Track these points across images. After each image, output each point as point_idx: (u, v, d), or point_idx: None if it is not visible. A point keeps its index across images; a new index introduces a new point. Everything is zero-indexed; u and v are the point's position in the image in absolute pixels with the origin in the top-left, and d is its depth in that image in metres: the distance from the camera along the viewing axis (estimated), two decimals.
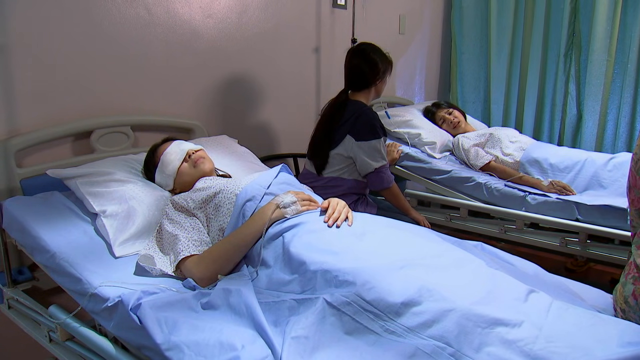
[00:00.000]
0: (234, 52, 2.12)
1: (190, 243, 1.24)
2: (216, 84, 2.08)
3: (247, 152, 1.87)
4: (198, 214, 1.32)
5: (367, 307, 0.98)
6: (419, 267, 1.07)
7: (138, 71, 1.80)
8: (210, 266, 1.19)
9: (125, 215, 1.36)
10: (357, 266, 1.05)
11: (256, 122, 2.30)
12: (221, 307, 1.09)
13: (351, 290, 1.00)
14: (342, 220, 1.22)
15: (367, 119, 1.98)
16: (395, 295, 0.98)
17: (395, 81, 3.14)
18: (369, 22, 2.78)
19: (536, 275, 1.30)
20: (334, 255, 1.11)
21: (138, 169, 1.56)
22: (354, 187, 2.06)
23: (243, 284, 1.13)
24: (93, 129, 1.68)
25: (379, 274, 1.03)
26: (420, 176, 2.42)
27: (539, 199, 2.12)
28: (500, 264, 1.29)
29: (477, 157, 2.41)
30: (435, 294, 0.98)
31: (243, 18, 2.13)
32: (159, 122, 1.87)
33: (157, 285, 1.17)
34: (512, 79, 3.19)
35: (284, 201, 1.24)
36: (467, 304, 0.96)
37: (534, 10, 3.01)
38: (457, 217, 2.32)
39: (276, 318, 1.05)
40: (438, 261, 1.11)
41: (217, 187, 1.34)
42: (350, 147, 1.98)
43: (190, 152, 1.46)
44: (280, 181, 1.38)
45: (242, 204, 1.28)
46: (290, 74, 2.40)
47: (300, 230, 1.20)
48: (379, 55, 2.07)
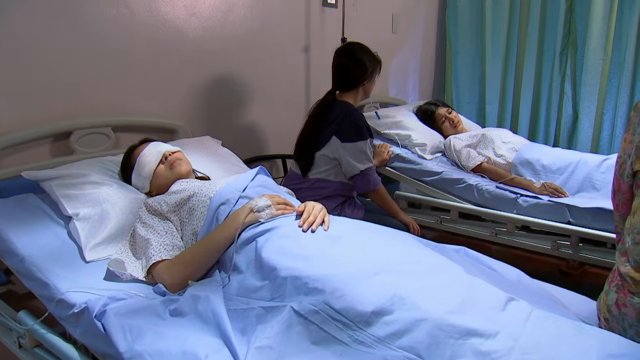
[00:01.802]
0: (220, 51, 2.09)
1: (162, 247, 1.21)
2: (201, 84, 2.05)
3: (229, 153, 1.84)
4: (172, 217, 1.29)
5: (336, 316, 0.94)
6: (393, 274, 1.03)
7: (119, 71, 1.77)
8: (181, 271, 1.16)
9: (98, 219, 1.32)
10: (328, 272, 1.02)
11: (244, 122, 2.27)
12: (189, 314, 1.06)
13: (320, 298, 0.96)
14: (317, 225, 1.19)
15: (352, 120, 1.94)
16: (365, 304, 0.94)
17: (388, 81, 3.10)
18: (360, 21, 2.74)
19: (519, 281, 1.27)
20: (306, 260, 1.07)
21: (115, 170, 1.53)
22: (341, 189, 2.03)
23: (212, 290, 1.10)
24: (72, 130, 1.65)
25: (351, 281, 0.99)
26: (410, 177, 2.38)
27: (530, 201, 2.08)
28: (482, 269, 1.26)
29: (468, 158, 2.37)
30: (407, 302, 0.95)
31: (229, 17, 2.10)
32: (141, 122, 1.84)
33: (126, 291, 1.14)
34: (508, 79, 3.15)
35: (257, 205, 1.21)
36: (440, 313, 0.92)
37: (529, 9, 2.96)
38: (448, 220, 2.27)
39: (244, 326, 1.01)
40: (414, 267, 1.08)
41: (192, 190, 1.31)
42: (336, 149, 1.94)
43: (166, 154, 1.43)
44: (257, 184, 1.35)
45: (216, 207, 1.25)
46: (279, 73, 2.36)
47: (273, 234, 1.17)
48: (367, 55, 2.03)
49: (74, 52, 1.64)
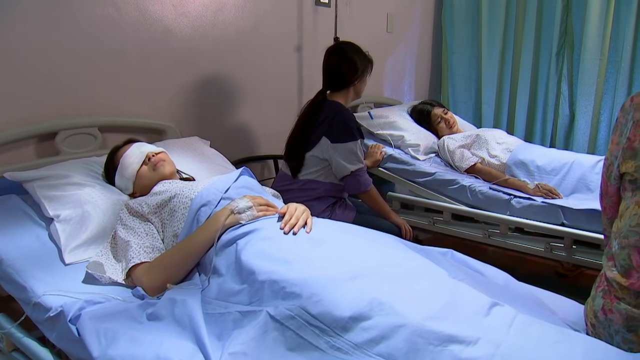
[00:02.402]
0: (210, 51, 2.07)
1: (142, 250, 1.19)
2: (191, 84, 2.03)
3: (216, 154, 1.82)
4: (153, 219, 1.27)
5: (313, 321, 0.92)
6: (373, 278, 1.01)
7: (106, 70, 1.75)
8: (160, 274, 1.14)
9: (78, 220, 1.31)
10: (306, 276, 1.00)
11: (235, 123, 2.25)
12: (166, 318, 1.04)
13: (296, 303, 0.94)
14: (299, 227, 1.17)
15: (343, 120, 1.92)
16: (343, 309, 0.92)
17: (383, 81, 3.07)
18: (354, 21, 2.72)
19: (506, 285, 1.24)
20: (286, 264, 1.05)
21: (99, 172, 1.51)
22: (331, 190, 2.00)
23: (190, 294, 1.08)
24: (58, 130, 1.63)
25: (329, 285, 0.97)
26: (403, 178, 2.35)
27: (523, 202, 2.05)
28: (468, 273, 1.23)
29: (462, 159, 2.35)
30: (386, 307, 0.92)
31: (219, 16, 2.08)
32: (129, 123, 1.82)
33: (104, 294, 1.12)
34: (504, 79, 3.12)
35: (238, 206, 1.19)
36: (419, 319, 0.90)
37: (525, 8, 2.94)
38: (440, 221, 2.25)
39: (220, 331, 0.99)
40: (396, 271, 1.05)
41: (173, 191, 1.29)
42: (326, 149, 1.92)
43: (150, 155, 1.41)
44: (240, 185, 1.33)
45: (197, 209, 1.23)
46: (271, 73, 2.34)
47: (254, 237, 1.15)
48: (358, 55, 2.01)
49: (60, 51, 1.62)
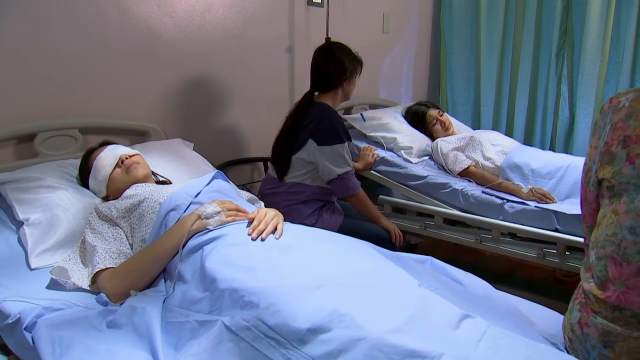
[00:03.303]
0: (197, 52, 2.04)
1: (108, 255, 1.16)
2: (177, 85, 2.00)
3: (196, 156, 1.79)
4: (121, 223, 1.24)
5: (269, 332, 0.88)
6: (337, 288, 0.97)
7: (87, 71, 1.72)
8: (123, 280, 1.11)
9: (47, 224, 1.28)
10: (267, 285, 0.96)
11: (223, 124, 2.22)
12: (125, 326, 1.01)
13: (253, 313, 0.91)
14: (267, 233, 1.13)
15: (329, 123, 1.88)
16: (301, 320, 0.88)
17: (379, 82, 3.03)
18: (348, 21, 2.68)
19: (484, 295, 1.19)
20: (250, 272, 1.02)
21: (74, 174, 1.48)
22: (318, 194, 1.96)
23: (152, 301, 1.05)
24: (37, 132, 1.61)
25: (288, 295, 0.93)
26: (395, 181, 2.30)
27: (517, 207, 2.00)
28: (445, 282, 1.18)
29: (455, 162, 2.29)
30: (347, 319, 0.88)
31: (206, 16, 2.05)
32: (111, 124, 1.79)
33: (66, 301, 1.10)
34: (503, 80, 3.05)
35: (206, 211, 1.15)
36: (380, 333, 0.86)
37: (525, 8, 2.87)
38: (432, 225, 2.20)
39: (177, 340, 0.96)
40: (362, 281, 1.01)
41: (143, 195, 1.26)
42: (313, 152, 1.88)
43: (123, 157, 1.38)
44: (212, 189, 1.29)
45: (165, 213, 1.20)
46: (260, 74, 2.31)
47: (220, 243, 1.11)
48: (347, 55, 1.97)
49: (40, 51, 1.60)
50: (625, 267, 0.86)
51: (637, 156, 0.85)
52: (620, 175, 0.87)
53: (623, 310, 0.86)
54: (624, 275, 0.86)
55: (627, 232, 0.85)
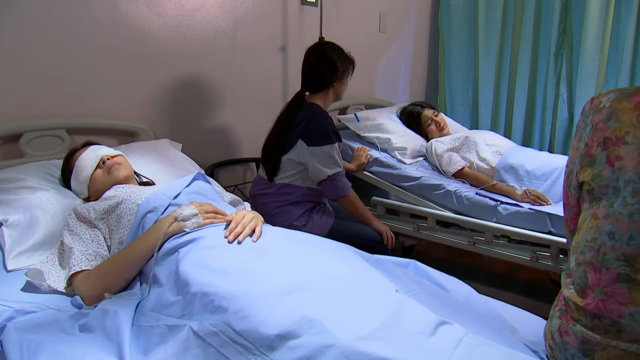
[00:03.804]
0: (187, 52, 2.02)
1: (84, 257, 1.15)
2: (167, 85, 1.98)
3: (182, 157, 1.77)
4: (100, 225, 1.23)
5: (237, 338, 0.86)
6: (311, 292, 0.95)
7: (75, 70, 1.71)
8: (98, 283, 1.09)
9: (26, 225, 1.27)
10: (238, 289, 0.94)
11: (214, 125, 2.20)
12: (96, 330, 0.99)
13: (221, 318, 0.89)
14: (244, 236, 1.11)
15: (319, 123, 1.86)
16: (269, 326, 0.86)
17: (376, 82, 3.00)
18: (344, 20, 2.65)
19: (467, 300, 1.16)
20: (223, 275, 1.00)
21: (57, 175, 1.47)
22: (308, 195, 1.94)
23: (125, 304, 1.03)
24: (22, 132, 1.60)
25: (258, 300, 0.91)
26: (388, 182, 2.27)
27: (510, 209, 1.96)
28: (427, 287, 1.16)
29: (450, 163, 2.26)
30: (316, 325, 0.86)
31: (196, 16, 2.04)
32: (99, 125, 1.78)
33: (39, 304, 1.08)
34: (501, 80, 3.02)
35: (182, 213, 1.14)
36: (350, 339, 0.83)
37: (523, 7, 2.83)
38: (425, 227, 2.17)
39: (147, 345, 0.94)
40: (337, 285, 0.99)
41: (121, 196, 1.24)
42: (302, 153, 1.86)
43: (104, 158, 1.37)
44: (192, 191, 1.28)
45: (143, 215, 1.18)
46: (253, 74, 2.29)
47: (196, 245, 1.10)
48: (339, 55, 1.94)
49: (26, 50, 1.59)
50: (604, 273, 0.83)
51: (617, 158, 0.82)
52: (599, 179, 0.85)
53: (602, 318, 0.83)
54: (603, 282, 0.83)
55: (606, 237, 0.83)
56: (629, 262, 0.80)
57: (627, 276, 0.80)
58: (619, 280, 0.81)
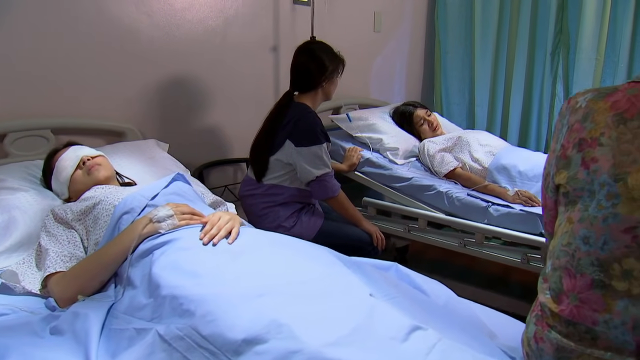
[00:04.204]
0: (176, 51, 2.01)
1: (59, 258, 1.14)
2: (155, 85, 1.97)
3: (167, 158, 1.76)
4: (77, 226, 1.22)
5: (203, 343, 0.85)
6: (282, 296, 0.93)
7: (60, 69, 1.70)
8: (71, 285, 1.08)
9: (4, 226, 1.26)
10: (208, 292, 0.93)
11: (205, 125, 2.19)
12: (66, 333, 0.98)
13: (188, 322, 0.87)
14: (219, 237, 1.10)
15: (307, 123, 1.84)
16: (236, 331, 0.84)
17: (370, 82, 2.98)
18: (337, 20, 2.63)
19: (446, 305, 1.14)
20: (195, 278, 0.98)
21: (39, 176, 1.46)
22: (297, 196, 1.92)
23: (97, 307, 1.02)
24: (6, 132, 1.59)
25: (228, 304, 0.90)
26: (380, 183, 2.25)
27: (501, 210, 1.94)
28: (405, 290, 1.14)
29: (442, 163, 2.23)
30: (284, 330, 0.84)
31: (186, 15, 2.02)
32: (85, 124, 1.77)
33: (12, 306, 1.07)
34: (498, 80, 2.99)
35: (157, 215, 1.12)
36: (317, 345, 0.82)
37: (519, 6, 2.80)
38: (416, 229, 2.14)
39: (115, 349, 0.93)
40: (311, 288, 0.97)
41: (99, 197, 1.23)
42: (290, 153, 1.84)
43: (84, 159, 1.35)
44: (170, 192, 1.26)
45: (119, 216, 1.17)
46: (244, 74, 2.27)
47: (170, 247, 1.08)
48: (328, 54, 1.92)
49: (11, 48, 1.58)
50: (579, 279, 0.81)
51: (592, 160, 0.80)
52: (574, 181, 0.82)
53: (577, 325, 0.80)
54: (577, 288, 0.81)
55: (580, 242, 0.80)
56: (603, 268, 0.78)
57: (601, 282, 0.78)
58: (593, 286, 0.79)
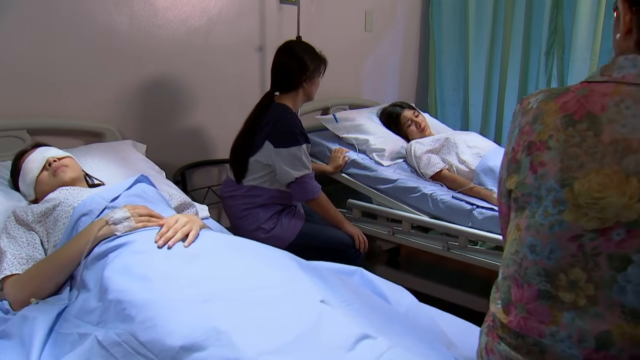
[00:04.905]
0: (157, 51, 2.00)
1: (16, 261, 1.13)
2: (136, 85, 1.96)
3: (141, 159, 1.74)
4: (37, 228, 1.21)
5: (140, 349, 0.83)
6: (228, 302, 0.91)
7: (37, 68, 1.69)
8: (25, 286, 1.07)
9: None
10: (153, 297, 0.91)
11: (188, 125, 2.18)
12: (15, 337, 0.98)
13: (127, 328, 0.85)
14: (175, 240, 1.08)
15: (285, 124, 1.82)
16: (175, 337, 0.83)
17: (362, 83, 2.94)
18: (327, 19, 2.61)
19: (407, 312, 1.11)
20: (145, 282, 0.97)
21: (6, 177, 1.46)
22: (277, 198, 1.90)
23: (47, 310, 1.01)
24: None
25: (171, 309, 0.88)
26: (365, 185, 2.22)
27: (486, 213, 1.89)
28: (366, 297, 1.10)
29: (428, 165, 2.19)
30: (223, 338, 0.82)
31: (168, 14, 2.01)
32: (62, 125, 1.76)
33: None
34: (492, 80, 2.93)
35: (114, 217, 1.11)
36: (254, 353, 0.80)
37: (514, 5, 2.75)
38: (400, 231, 2.11)
39: (59, 353, 0.92)
40: (260, 295, 0.95)
41: (59, 198, 1.22)
42: (269, 154, 1.82)
43: (50, 160, 1.34)
44: (132, 193, 1.25)
45: (77, 218, 1.16)
46: (229, 75, 2.26)
47: (125, 250, 1.07)
48: (309, 53, 1.90)
49: None
50: (526, 289, 0.77)
51: (540, 164, 0.76)
52: (523, 186, 0.79)
53: (525, 338, 0.77)
54: (525, 299, 0.77)
55: (527, 250, 0.77)
56: (549, 278, 0.74)
57: (547, 293, 0.74)
58: (540, 297, 0.75)
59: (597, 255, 0.69)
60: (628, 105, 0.69)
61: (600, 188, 0.69)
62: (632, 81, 0.70)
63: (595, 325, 0.70)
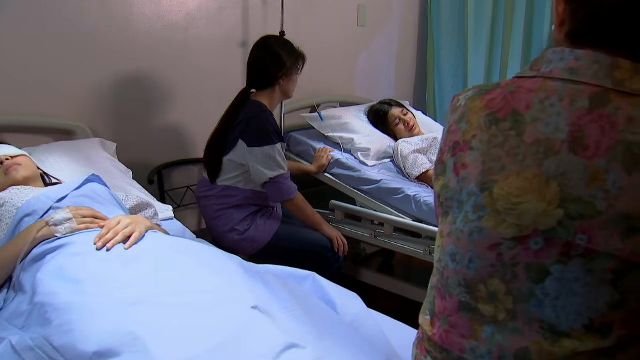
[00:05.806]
0: (132, 47, 1.96)
1: None
2: (109, 82, 1.92)
3: (107, 158, 1.72)
4: None
5: (53, 354, 0.80)
6: (155, 307, 0.88)
7: (4, 64, 1.66)
8: None
9: None
10: (77, 301, 0.88)
11: (165, 123, 2.15)
12: None
13: (42, 332, 0.83)
14: (115, 242, 1.05)
15: (259, 122, 1.77)
16: (90, 343, 0.80)
17: (355, 79, 2.88)
18: (315, 14, 2.54)
19: (353, 321, 1.05)
20: (75, 285, 0.94)
21: None
22: (252, 198, 1.86)
23: None
24: None
25: (90, 313, 0.85)
26: (348, 186, 2.16)
27: None
28: (310, 305, 1.05)
29: (414, 165, 2.12)
30: (139, 344, 0.79)
31: (143, 9, 1.98)
32: (31, 122, 1.74)
33: None
34: (492, 76, 2.83)
35: (54, 218, 1.08)
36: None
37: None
38: (382, 234, 2.04)
39: None
40: (190, 300, 0.92)
41: (5, 198, 1.20)
42: (243, 154, 1.78)
43: (3, 159, 1.33)
44: (80, 194, 1.22)
45: (20, 219, 1.14)
46: (209, 71, 2.22)
47: (62, 252, 1.04)
48: (286, 49, 1.85)
49: None
50: (448, 300, 0.71)
51: (462, 167, 0.70)
52: (446, 190, 0.72)
53: (449, 352, 0.71)
54: (447, 311, 0.71)
55: (449, 258, 0.71)
56: (469, 289, 0.68)
57: (468, 305, 0.68)
58: (461, 309, 0.69)
59: (515, 266, 0.63)
60: (553, 102, 0.63)
61: (520, 192, 0.62)
62: (559, 76, 0.64)
63: (514, 342, 0.64)
